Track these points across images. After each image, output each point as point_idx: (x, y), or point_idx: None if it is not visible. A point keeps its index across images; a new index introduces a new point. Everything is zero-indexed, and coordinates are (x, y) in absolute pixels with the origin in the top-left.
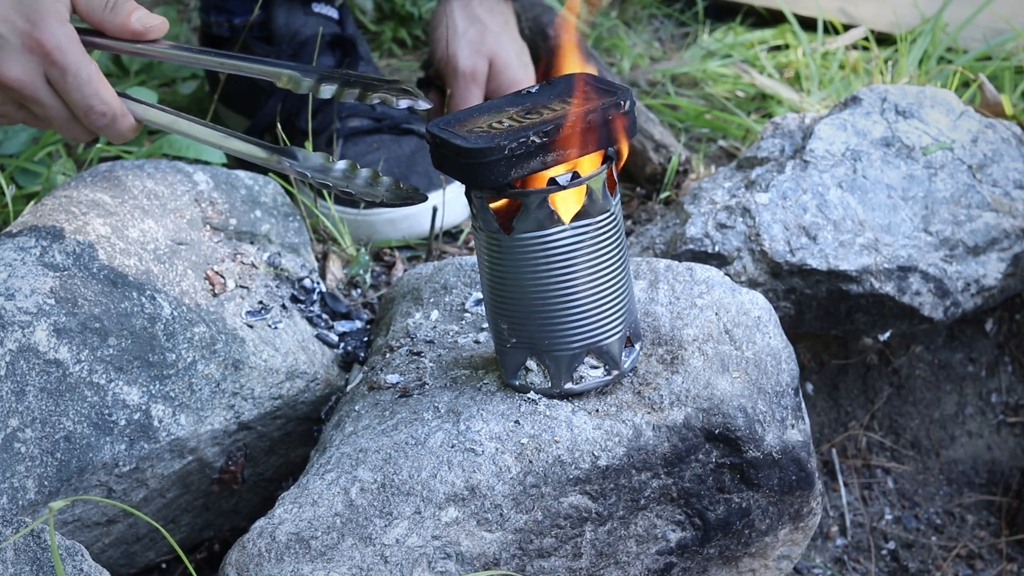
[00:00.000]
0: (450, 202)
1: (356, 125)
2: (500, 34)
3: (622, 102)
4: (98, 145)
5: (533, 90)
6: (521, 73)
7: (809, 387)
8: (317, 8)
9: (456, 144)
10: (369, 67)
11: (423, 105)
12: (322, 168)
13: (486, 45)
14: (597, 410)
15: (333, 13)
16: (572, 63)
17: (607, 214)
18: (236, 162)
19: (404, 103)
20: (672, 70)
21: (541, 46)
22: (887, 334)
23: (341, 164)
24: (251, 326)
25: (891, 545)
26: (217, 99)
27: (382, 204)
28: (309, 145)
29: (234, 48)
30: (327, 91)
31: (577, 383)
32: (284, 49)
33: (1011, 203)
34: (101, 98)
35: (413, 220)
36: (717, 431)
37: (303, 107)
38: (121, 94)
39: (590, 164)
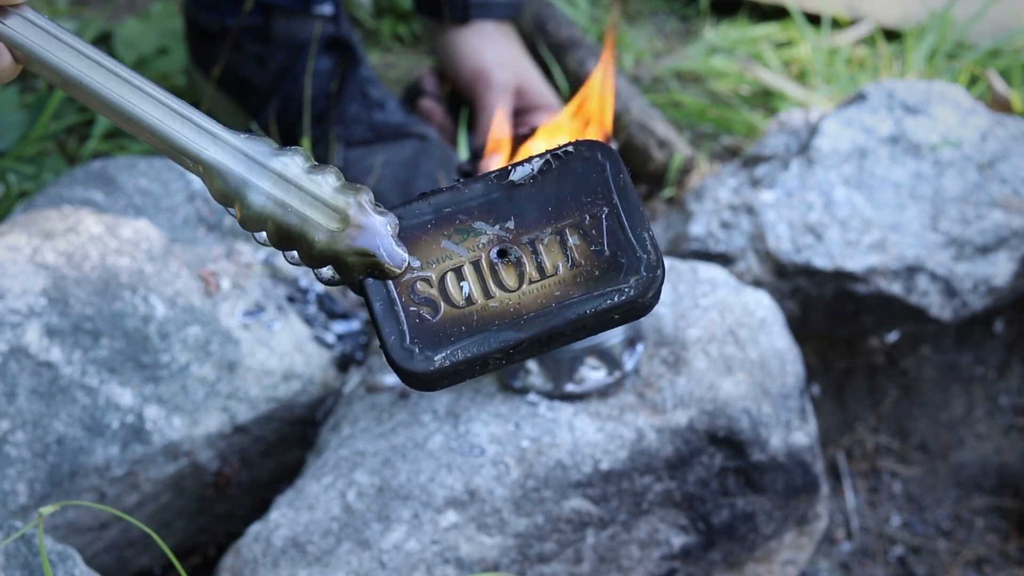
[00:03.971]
0: None
1: (355, 132)
2: (521, 55)
3: (644, 296)
4: (91, 145)
5: (530, 175)
6: (548, 92)
7: (815, 389)
8: (317, 10)
9: (382, 335)
10: (366, 71)
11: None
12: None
13: (513, 63)
14: (599, 412)
15: (329, 10)
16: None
17: None
18: None
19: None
20: (675, 66)
21: (539, 44)
22: (894, 335)
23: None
24: (246, 327)
25: (899, 550)
26: (216, 86)
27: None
28: (306, 143)
29: (224, 45)
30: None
31: (579, 384)
32: (281, 50)
33: (1020, 201)
34: None
35: None
36: (721, 434)
37: (302, 113)
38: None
39: None
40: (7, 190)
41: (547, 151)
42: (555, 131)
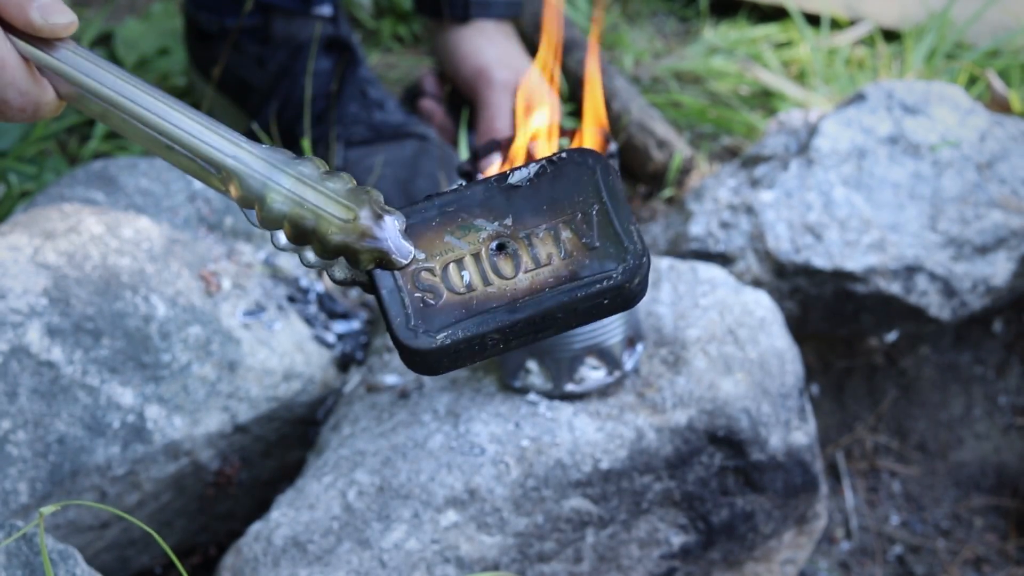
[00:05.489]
0: None
1: (355, 131)
2: (521, 54)
3: (630, 282)
4: (92, 145)
5: (526, 179)
6: (548, 91)
7: (814, 389)
8: (316, 11)
9: (388, 317)
10: (366, 71)
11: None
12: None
13: (513, 61)
14: (599, 412)
15: (328, 11)
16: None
17: None
18: None
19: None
20: (675, 66)
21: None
22: (894, 335)
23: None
24: (247, 327)
25: (898, 549)
26: (215, 87)
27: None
28: (307, 143)
29: (224, 45)
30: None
31: (578, 384)
32: (281, 51)
33: (1019, 201)
34: (17, 88)
35: None
36: (721, 433)
37: (301, 113)
38: (43, 67)
39: None
40: (8, 190)
41: (543, 157)
42: (554, 131)
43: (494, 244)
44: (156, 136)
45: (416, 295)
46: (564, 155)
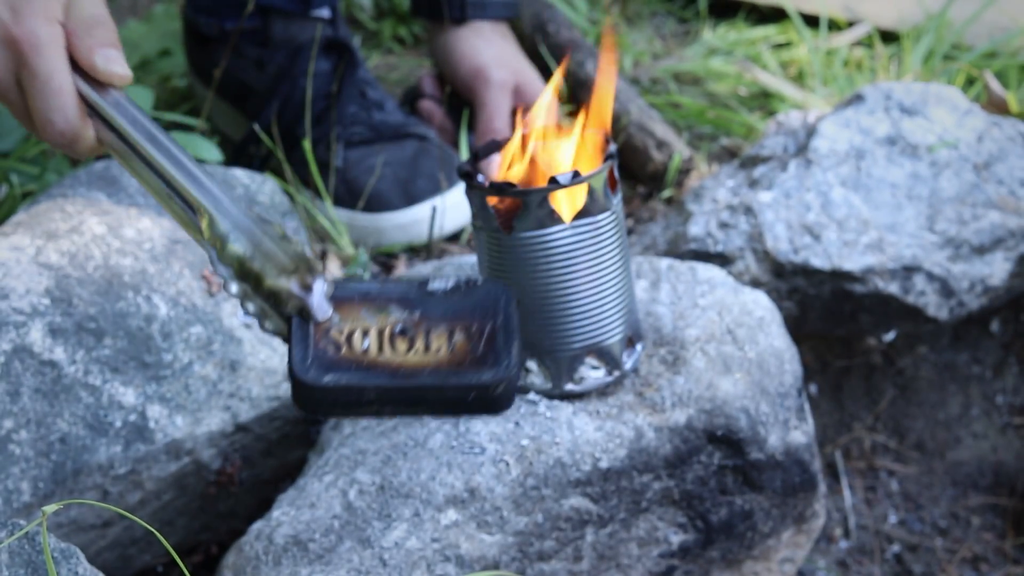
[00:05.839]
0: (452, 207)
1: (354, 132)
2: (518, 54)
3: (494, 386)
4: None
5: (443, 290)
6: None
7: (812, 388)
8: (315, 12)
9: (291, 353)
10: (364, 72)
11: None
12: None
13: (511, 61)
14: (598, 411)
15: (326, 13)
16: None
17: (608, 213)
18: (232, 159)
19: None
20: (674, 67)
21: (540, 43)
22: (892, 334)
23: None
24: (248, 326)
25: (895, 548)
26: (215, 90)
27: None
28: (307, 144)
29: (224, 48)
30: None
31: (578, 384)
32: (280, 53)
33: (1017, 202)
34: (64, 115)
35: (424, 225)
36: (719, 432)
37: (301, 115)
38: (92, 110)
39: (591, 162)
40: (11, 191)
41: (462, 279)
42: (553, 130)
43: (398, 327)
44: (161, 186)
45: (320, 344)
46: (479, 282)
